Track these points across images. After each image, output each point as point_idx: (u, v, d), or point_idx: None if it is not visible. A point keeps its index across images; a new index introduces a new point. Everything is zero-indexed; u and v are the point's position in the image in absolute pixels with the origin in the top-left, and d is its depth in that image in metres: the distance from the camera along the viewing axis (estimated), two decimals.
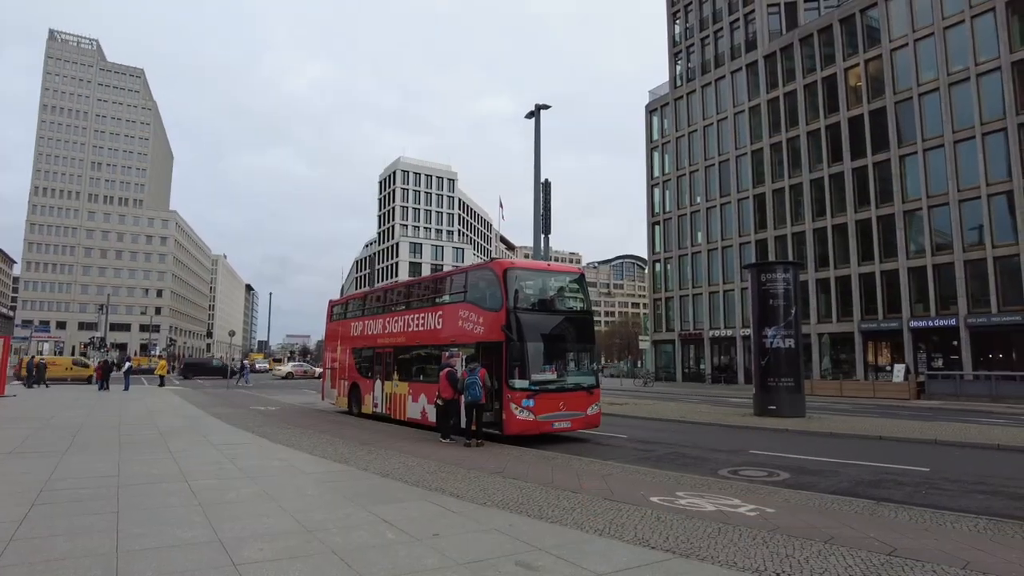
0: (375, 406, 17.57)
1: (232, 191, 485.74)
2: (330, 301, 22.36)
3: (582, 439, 14.01)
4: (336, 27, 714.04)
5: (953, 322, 35.15)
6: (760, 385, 19.62)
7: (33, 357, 35.85)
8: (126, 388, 30.57)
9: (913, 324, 36.97)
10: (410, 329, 16.21)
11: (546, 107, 24.49)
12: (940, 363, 36.07)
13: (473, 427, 12.14)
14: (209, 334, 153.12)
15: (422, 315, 15.84)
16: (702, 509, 6.87)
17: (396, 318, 17.08)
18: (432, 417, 14.56)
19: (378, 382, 17.52)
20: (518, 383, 12.34)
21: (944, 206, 36.22)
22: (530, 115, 24.37)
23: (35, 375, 31.70)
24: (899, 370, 34.01)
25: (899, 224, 38.15)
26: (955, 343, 35.34)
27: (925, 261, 36.80)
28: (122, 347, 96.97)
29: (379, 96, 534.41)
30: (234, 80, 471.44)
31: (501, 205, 70.53)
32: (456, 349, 14.04)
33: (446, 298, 15.31)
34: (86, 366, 41.27)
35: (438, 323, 15.00)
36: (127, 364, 32.14)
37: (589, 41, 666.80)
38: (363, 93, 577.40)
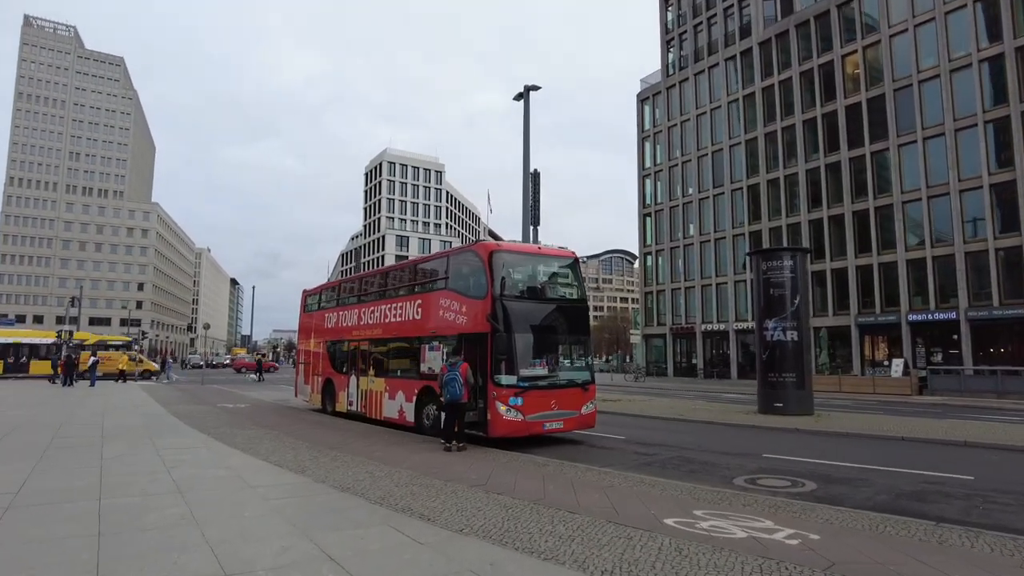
0: (350, 404, 16.16)
1: (221, 185, 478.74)
2: (304, 291, 20.85)
3: (576, 441, 12.70)
4: (328, 19, 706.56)
5: (953, 315, 34.18)
6: (762, 381, 18.42)
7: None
8: (92, 384, 29.09)
9: (912, 318, 35.99)
10: (387, 320, 14.81)
11: (536, 88, 22.99)
12: (939, 357, 35.12)
13: (455, 429, 10.82)
14: (191, 328, 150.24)
15: (400, 305, 14.43)
16: (731, 536, 5.54)
17: (372, 308, 15.65)
18: (410, 416, 13.23)
19: (353, 378, 16.11)
20: (505, 379, 11.00)
21: (944, 196, 35.20)
22: (519, 97, 22.89)
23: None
24: (897, 365, 33.02)
25: (897, 215, 37.11)
26: (955, 337, 34.38)
27: (924, 253, 35.79)
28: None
29: (371, 90, 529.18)
30: (225, 72, 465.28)
31: (489, 198, 69.22)
32: (437, 342, 12.70)
33: (426, 286, 13.92)
34: (141, 360, 40.47)
35: (417, 313, 13.60)
36: (93, 359, 30.44)
37: (583, 38, 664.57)
38: (355, 87, 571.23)
